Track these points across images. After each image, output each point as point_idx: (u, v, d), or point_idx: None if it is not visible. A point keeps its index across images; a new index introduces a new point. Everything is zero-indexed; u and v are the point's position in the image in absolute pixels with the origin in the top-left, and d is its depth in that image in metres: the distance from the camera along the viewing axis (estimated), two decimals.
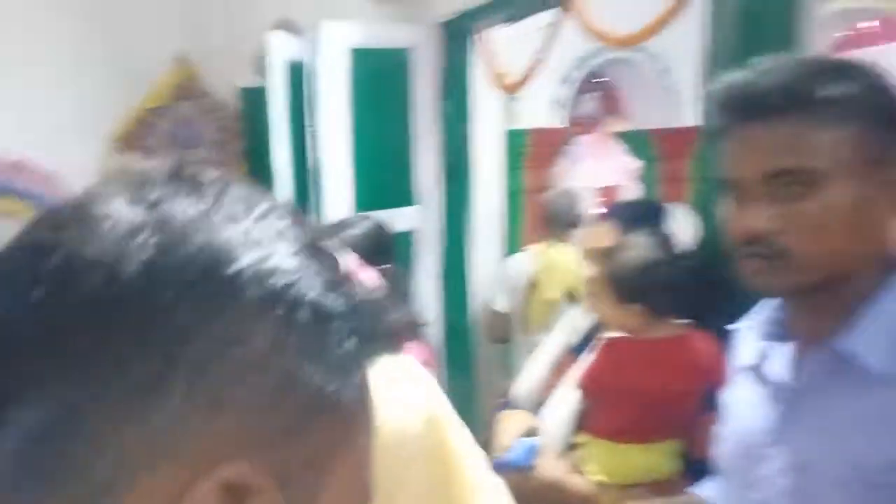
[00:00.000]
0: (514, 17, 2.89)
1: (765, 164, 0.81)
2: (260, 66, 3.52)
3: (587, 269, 1.84)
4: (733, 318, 1.04)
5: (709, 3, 1.85)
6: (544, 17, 2.73)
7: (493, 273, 3.61)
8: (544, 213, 3.69)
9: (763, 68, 0.85)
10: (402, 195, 3.51)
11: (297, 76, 3.21)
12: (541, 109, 5.88)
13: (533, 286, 3.23)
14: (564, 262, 3.02)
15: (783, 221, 0.80)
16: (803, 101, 0.79)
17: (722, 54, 1.72)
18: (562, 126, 6.17)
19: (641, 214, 1.86)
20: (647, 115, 6.02)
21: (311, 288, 0.36)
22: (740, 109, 0.83)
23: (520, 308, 3.24)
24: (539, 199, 5.89)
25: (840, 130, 0.79)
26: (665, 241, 1.73)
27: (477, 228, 3.66)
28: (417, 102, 3.38)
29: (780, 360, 0.89)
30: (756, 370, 0.93)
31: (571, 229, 3.42)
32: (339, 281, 0.38)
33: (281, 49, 3.25)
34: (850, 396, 0.81)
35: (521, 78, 3.00)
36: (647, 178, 6.85)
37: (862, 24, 5.29)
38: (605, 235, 1.84)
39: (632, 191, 3.39)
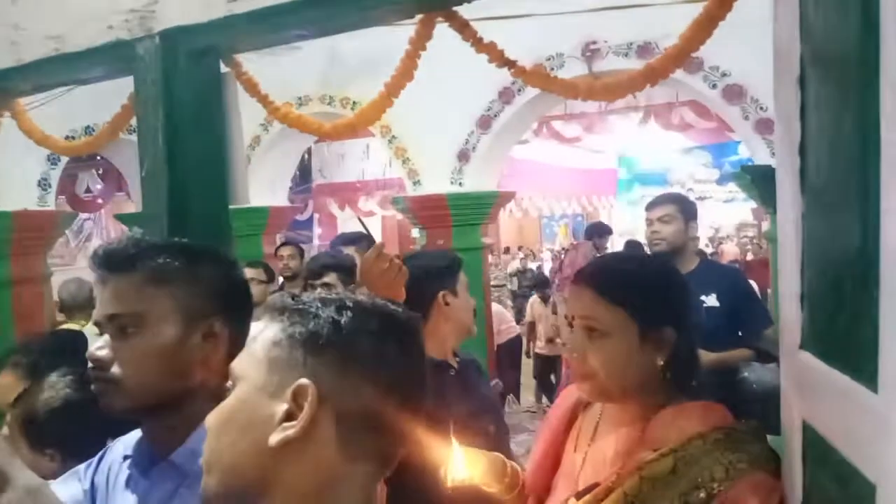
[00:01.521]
0: None
1: (106, 308, 1.03)
2: None
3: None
4: None
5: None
6: None
7: None
8: (59, 300, 3.83)
9: (122, 238, 1.08)
10: None
11: None
12: (26, 189, 5.27)
13: None
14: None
15: (115, 354, 1.01)
16: (133, 266, 1.03)
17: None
18: (54, 208, 5.62)
19: (59, 349, 1.73)
20: None
21: None
22: (99, 266, 1.05)
23: None
24: (33, 288, 5.23)
25: (160, 289, 1.03)
26: (81, 380, 1.60)
27: None
28: None
29: (145, 474, 1.06)
30: (131, 483, 1.07)
31: (89, 310, 3.60)
32: None
33: None
34: (189, 500, 0.99)
35: None
36: None
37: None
38: (10, 388, 1.65)
39: None
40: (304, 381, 0.73)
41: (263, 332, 0.78)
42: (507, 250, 14.88)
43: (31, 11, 1.77)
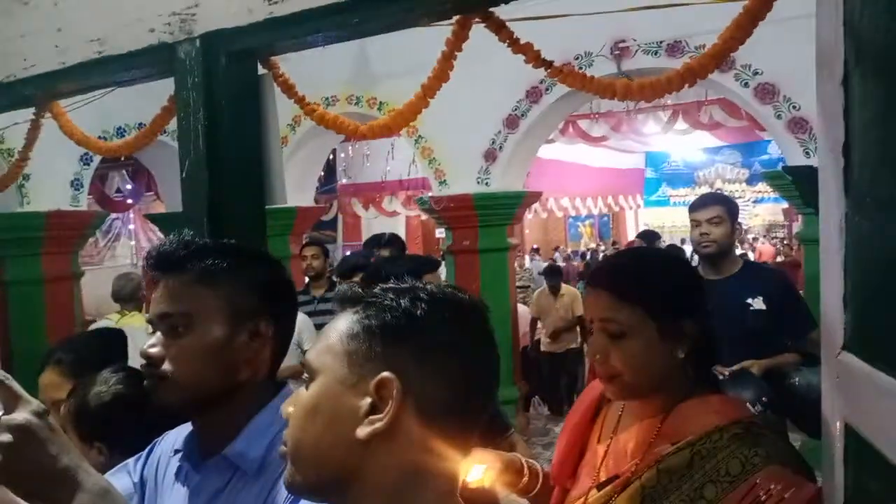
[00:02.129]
0: None
1: (158, 307, 1.06)
2: None
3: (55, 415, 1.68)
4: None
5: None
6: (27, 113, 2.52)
7: None
8: (113, 292, 4.21)
9: (173, 239, 1.10)
10: None
11: None
12: (59, 189, 5.37)
13: None
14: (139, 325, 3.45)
15: (166, 351, 1.04)
16: (183, 267, 1.06)
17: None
18: (86, 208, 5.73)
19: (102, 347, 1.77)
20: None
21: None
22: (151, 267, 1.09)
23: None
24: (64, 286, 5.34)
25: (209, 289, 1.05)
26: (131, 375, 1.67)
27: None
28: None
29: (196, 468, 1.09)
30: (181, 476, 1.10)
31: (139, 302, 4.09)
32: None
33: None
34: (241, 494, 1.03)
35: (5, 177, 2.70)
36: None
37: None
38: (54, 386, 1.70)
39: None
40: (387, 374, 0.74)
41: (337, 324, 0.80)
42: (537, 251, 14.80)
43: (74, 15, 1.81)
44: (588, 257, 13.80)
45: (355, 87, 5.54)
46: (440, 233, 11.51)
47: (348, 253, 8.11)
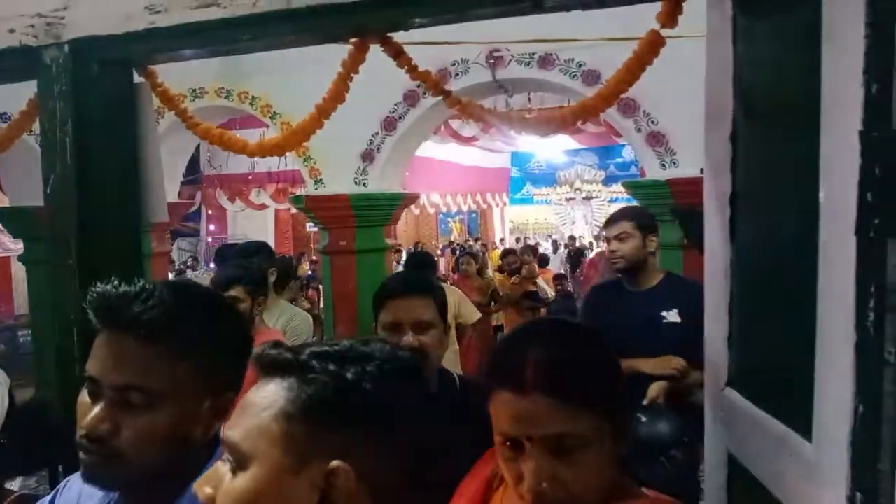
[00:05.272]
0: None
1: (114, 375, 0.88)
2: None
3: None
4: None
5: None
6: None
7: None
8: None
9: (146, 293, 0.91)
10: None
11: None
12: None
13: None
14: None
15: (114, 426, 0.88)
16: (158, 334, 0.88)
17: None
18: None
19: None
20: (31, 192, 5.51)
21: None
22: (116, 324, 0.90)
23: None
24: None
25: (188, 364, 0.90)
26: None
27: None
28: None
29: None
30: None
31: None
32: None
33: None
34: None
35: None
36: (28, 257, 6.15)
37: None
38: None
39: None
40: (337, 463, 0.65)
41: (268, 399, 0.68)
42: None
43: None
44: (457, 252, 14.03)
45: (226, 79, 5.29)
46: (311, 227, 11.28)
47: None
